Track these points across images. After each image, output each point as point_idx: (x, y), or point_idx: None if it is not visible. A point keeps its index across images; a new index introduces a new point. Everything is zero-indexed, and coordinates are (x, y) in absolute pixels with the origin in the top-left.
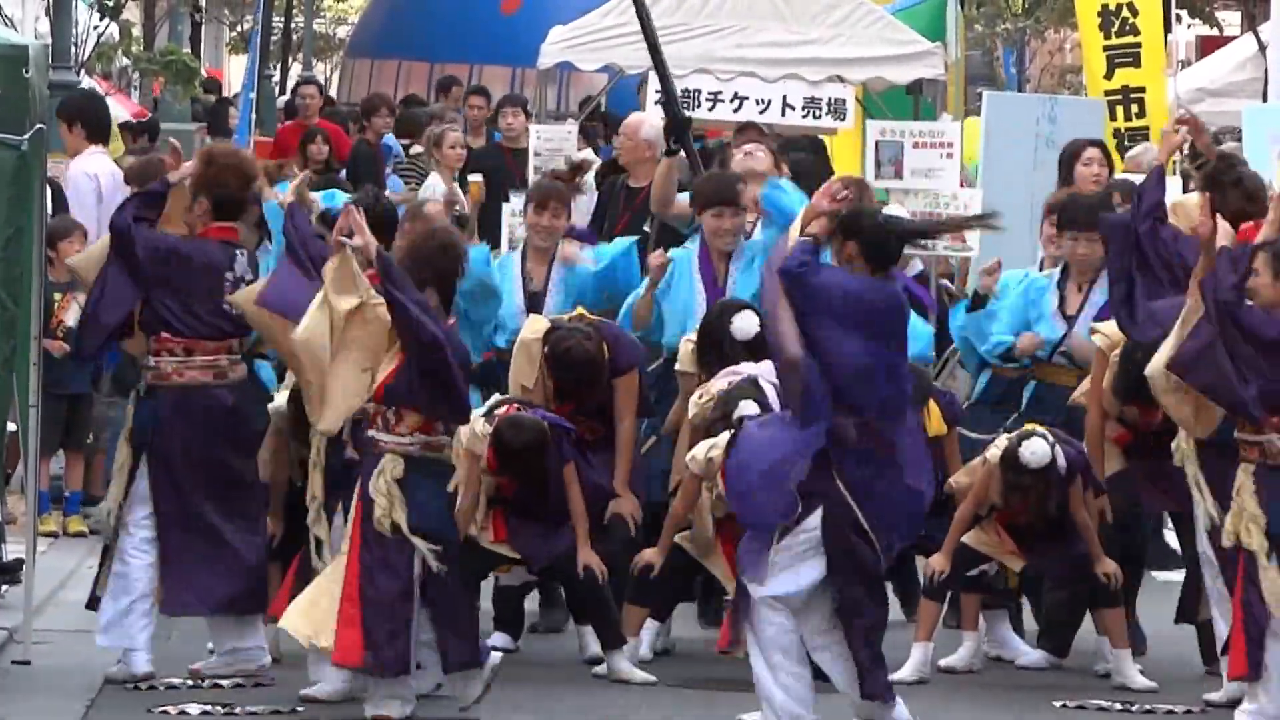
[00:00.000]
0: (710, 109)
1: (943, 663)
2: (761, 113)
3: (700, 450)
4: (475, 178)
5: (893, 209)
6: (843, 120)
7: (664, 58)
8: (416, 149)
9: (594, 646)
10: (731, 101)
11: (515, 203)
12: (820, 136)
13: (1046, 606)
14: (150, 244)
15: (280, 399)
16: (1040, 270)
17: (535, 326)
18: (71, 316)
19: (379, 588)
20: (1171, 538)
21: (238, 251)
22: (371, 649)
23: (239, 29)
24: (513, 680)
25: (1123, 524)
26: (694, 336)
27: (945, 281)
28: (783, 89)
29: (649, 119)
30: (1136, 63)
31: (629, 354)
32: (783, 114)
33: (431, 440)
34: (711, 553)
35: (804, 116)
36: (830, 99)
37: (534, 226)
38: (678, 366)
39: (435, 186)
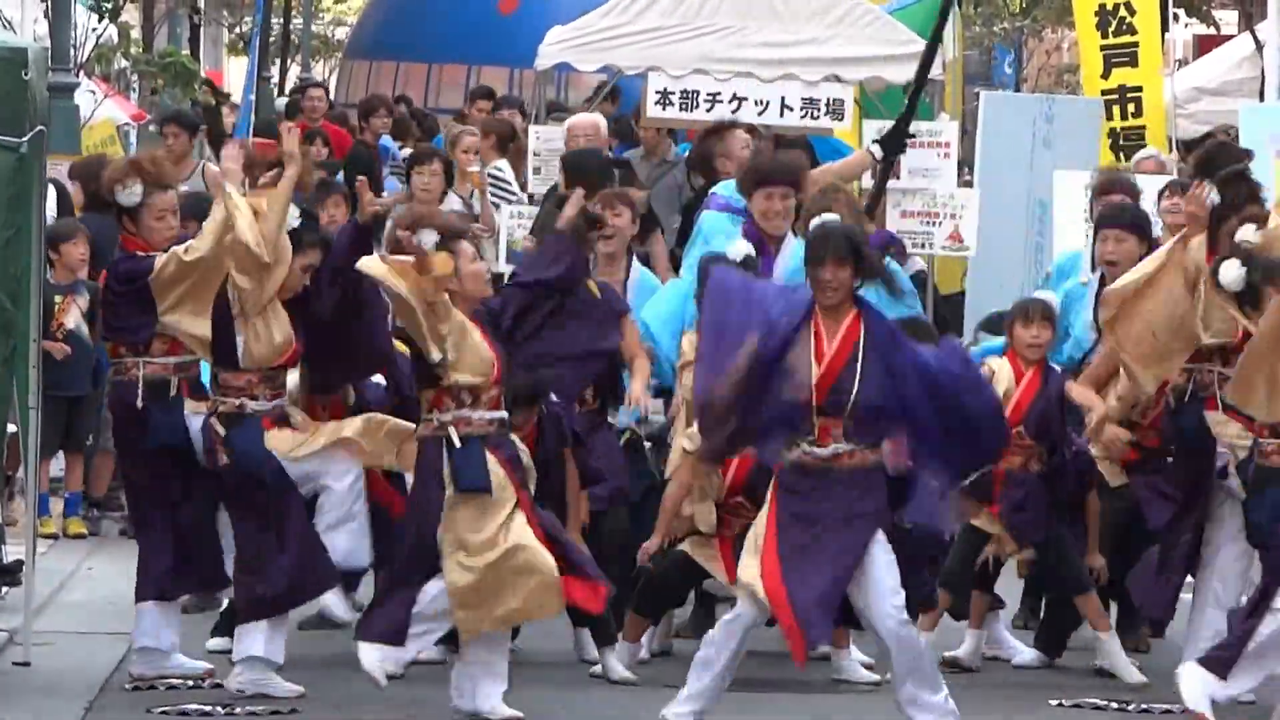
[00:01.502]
0: (709, 109)
1: (947, 654)
2: (760, 114)
3: (696, 427)
4: (474, 167)
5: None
6: (841, 121)
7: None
8: (409, 150)
9: (591, 648)
10: (730, 102)
11: (514, 205)
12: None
13: (1044, 605)
14: None
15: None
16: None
17: None
18: (72, 318)
19: None
20: None
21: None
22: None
23: (238, 31)
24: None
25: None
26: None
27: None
28: (781, 89)
29: (594, 118)
30: (1134, 62)
31: (620, 302)
32: (781, 115)
33: None
34: (710, 549)
35: (802, 117)
36: (829, 99)
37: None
38: (679, 363)
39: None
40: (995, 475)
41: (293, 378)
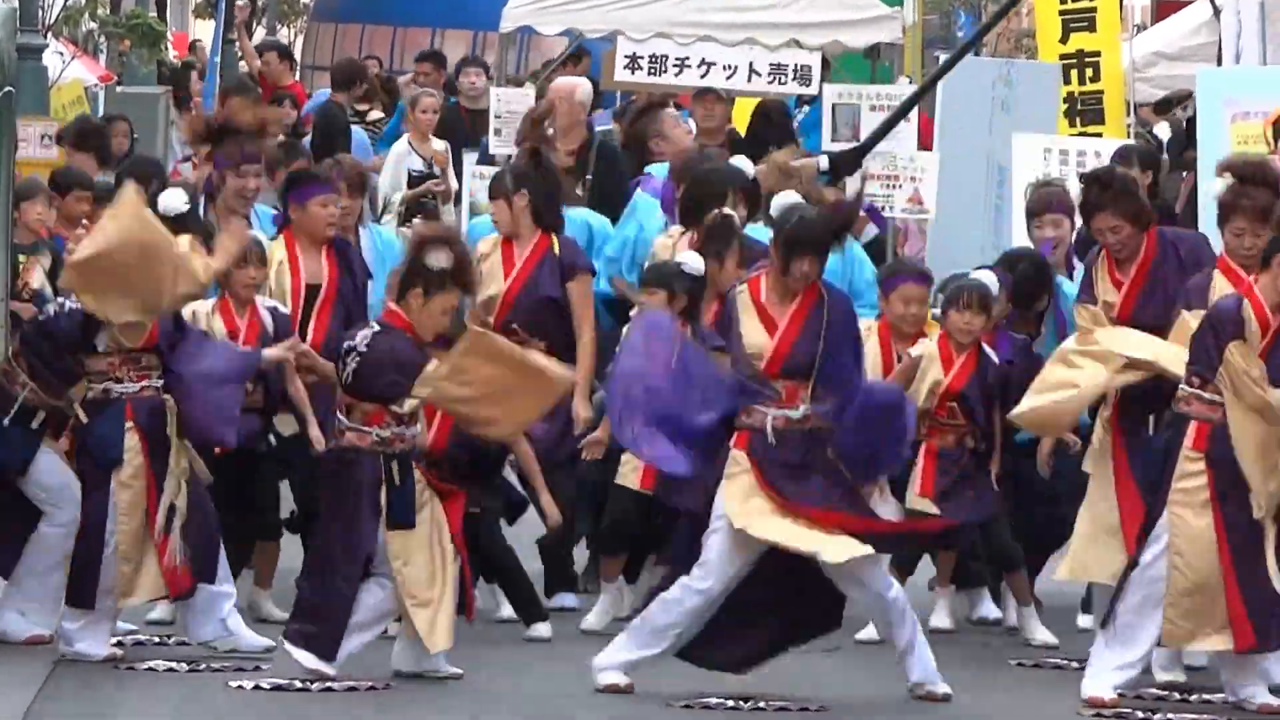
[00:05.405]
0: (677, 74)
1: (933, 624)
2: (728, 78)
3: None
4: (439, 145)
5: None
6: (808, 86)
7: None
8: (376, 114)
9: (505, 608)
10: (699, 67)
11: (469, 159)
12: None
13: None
14: None
15: None
16: None
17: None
18: (36, 279)
19: None
20: None
21: None
22: None
23: None
24: (481, 638)
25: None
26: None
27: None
28: (748, 55)
29: (584, 83)
30: (1091, 27)
31: (578, 256)
32: (749, 80)
33: None
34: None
35: (770, 82)
36: (796, 65)
37: None
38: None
39: (405, 153)
40: (929, 451)
41: None
